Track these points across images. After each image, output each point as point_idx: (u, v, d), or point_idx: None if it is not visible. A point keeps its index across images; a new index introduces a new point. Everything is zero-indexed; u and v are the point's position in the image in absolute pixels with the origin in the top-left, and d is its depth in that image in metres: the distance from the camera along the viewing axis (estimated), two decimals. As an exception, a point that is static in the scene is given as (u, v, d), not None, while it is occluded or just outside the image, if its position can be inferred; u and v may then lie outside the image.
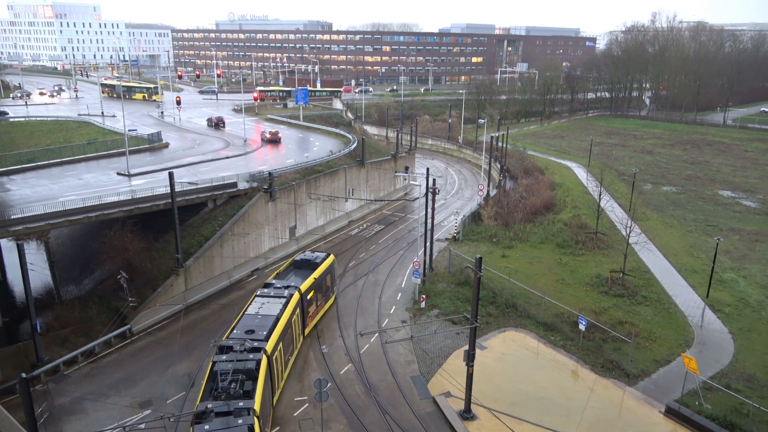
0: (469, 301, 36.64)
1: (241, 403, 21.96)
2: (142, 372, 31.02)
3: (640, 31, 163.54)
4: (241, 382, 23.57)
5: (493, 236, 51.67)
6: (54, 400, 28.07)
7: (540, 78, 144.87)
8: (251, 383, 23.77)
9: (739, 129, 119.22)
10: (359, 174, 59.97)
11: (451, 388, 29.29)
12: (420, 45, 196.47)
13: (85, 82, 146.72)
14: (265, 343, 26.92)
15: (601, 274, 42.99)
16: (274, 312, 30.23)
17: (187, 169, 51.82)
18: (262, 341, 27.01)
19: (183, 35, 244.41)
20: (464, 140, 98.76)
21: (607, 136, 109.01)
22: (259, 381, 23.92)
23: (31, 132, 70.72)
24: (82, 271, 44.93)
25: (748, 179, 76.10)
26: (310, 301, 34.96)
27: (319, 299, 36.85)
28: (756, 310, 38.32)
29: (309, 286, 34.87)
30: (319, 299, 36.85)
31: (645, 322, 36.17)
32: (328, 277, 38.48)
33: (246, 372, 24.26)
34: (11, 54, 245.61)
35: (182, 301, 37.94)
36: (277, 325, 28.98)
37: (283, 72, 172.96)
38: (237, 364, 24.46)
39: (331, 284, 39.34)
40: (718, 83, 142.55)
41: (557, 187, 68.20)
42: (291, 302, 31.67)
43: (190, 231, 41.82)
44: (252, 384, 23.73)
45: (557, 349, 33.28)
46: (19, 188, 43.92)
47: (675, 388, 29.03)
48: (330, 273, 38.82)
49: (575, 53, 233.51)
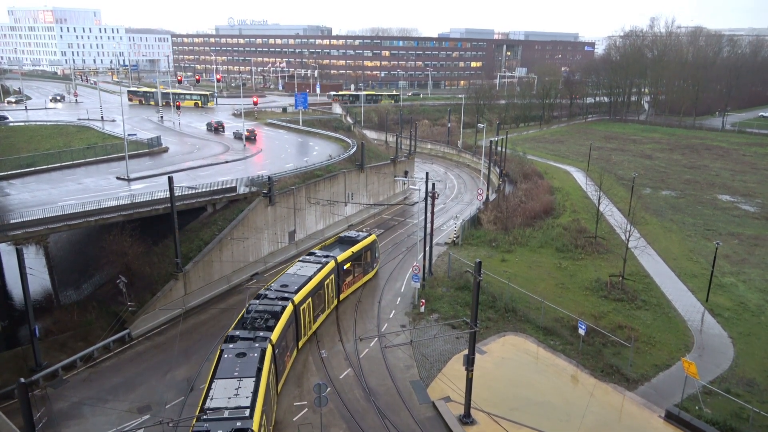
0: (468, 306, 36.60)
1: (261, 334, 28.02)
2: (141, 377, 30.95)
3: (638, 36, 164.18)
4: (266, 320, 29.70)
5: (493, 240, 51.67)
6: (52, 405, 28.00)
7: (539, 82, 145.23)
8: (274, 322, 29.59)
9: (737, 133, 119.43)
10: (359, 178, 60.03)
11: (451, 392, 29.23)
12: (419, 50, 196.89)
13: (85, 87, 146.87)
14: (294, 295, 32.93)
15: (600, 278, 42.98)
16: (308, 273, 36.08)
17: (186, 173, 51.85)
18: (292, 293, 33.08)
19: (183, 40, 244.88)
20: (463, 145, 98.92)
21: (606, 141, 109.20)
22: (281, 321, 29.85)
23: (30, 136, 70.80)
24: (81, 276, 44.89)
25: (747, 183, 76.20)
26: (347, 271, 40.22)
27: (357, 271, 41.88)
28: (755, 315, 38.31)
29: (346, 257, 39.97)
30: (357, 271, 41.88)
31: (644, 326, 36.15)
32: (368, 253, 43.28)
33: (272, 313, 30.53)
34: (11, 59, 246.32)
35: (181, 306, 37.90)
36: (308, 283, 34.70)
37: (282, 77, 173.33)
38: (266, 307, 31.14)
39: (371, 260, 44.15)
40: (716, 88, 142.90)
41: (556, 192, 68.25)
42: (326, 268, 37.24)
43: (189, 235, 41.81)
44: (275, 323, 29.49)
45: (557, 354, 33.24)
46: (18, 193, 43.93)
47: (675, 392, 29.00)
48: (370, 249, 43.70)
49: (574, 58, 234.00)
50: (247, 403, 22.43)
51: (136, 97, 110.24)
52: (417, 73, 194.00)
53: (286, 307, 31.30)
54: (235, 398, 22.75)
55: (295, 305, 32.47)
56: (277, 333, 28.79)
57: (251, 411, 21.96)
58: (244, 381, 23.93)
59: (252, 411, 22.01)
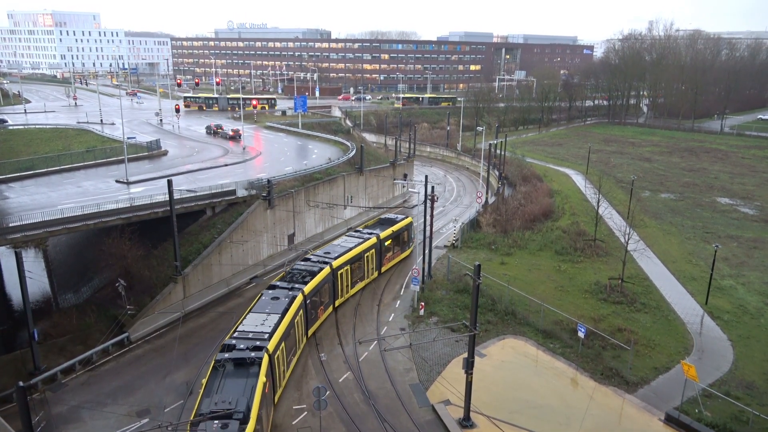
0: (468, 309, 36.58)
1: (297, 286, 34.25)
2: (139, 380, 30.89)
3: (637, 39, 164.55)
4: (303, 277, 35.77)
5: (492, 243, 51.67)
6: (51, 409, 27.93)
7: (538, 86, 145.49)
8: (310, 278, 35.61)
9: (736, 136, 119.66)
10: (358, 181, 60.04)
11: (451, 395, 29.19)
12: (418, 53, 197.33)
13: (84, 90, 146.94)
14: (333, 260, 38.66)
15: (599, 281, 42.98)
16: (349, 245, 41.65)
17: (185, 176, 51.83)
18: (331, 259, 38.84)
19: (182, 43, 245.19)
20: (463, 147, 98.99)
21: (605, 144, 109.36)
22: (316, 279, 35.83)
23: (30, 139, 70.79)
24: (80, 279, 44.81)
25: (746, 186, 76.30)
26: (387, 248, 45.61)
27: (396, 248, 47.32)
28: (755, 317, 38.31)
29: (387, 235, 45.37)
30: (396, 248, 47.32)
31: (644, 329, 36.13)
32: (406, 233, 48.47)
33: (310, 272, 36.49)
34: (11, 62, 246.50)
35: (180, 309, 37.83)
36: (348, 253, 40.34)
37: (282, 80, 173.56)
38: (306, 267, 37.31)
39: (408, 240, 49.12)
40: (715, 91, 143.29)
41: (556, 195, 68.30)
42: (367, 242, 42.66)
43: (188, 238, 41.78)
44: (310, 279, 35.50)
45: (556, 357, 33.21)
46: (17, 196, 43.89)
47: (674, 395, 28.97)
48: (407, 230, 48.69)
49: (573, 61, 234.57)
50: (268, 330, 28.41)
51: (195, 103, 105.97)
52: (416, 76, 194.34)
53: (324, 269, 37.17)
54: (260, 326, 28.93)
55: (333, 269, 38.16)
56: (310, 287, 34.68)
57: (270, 336, 27.83)
58: (271, 316, 30.00)
59: (271, 336, 27.78)
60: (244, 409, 22.13)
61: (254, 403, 22.68)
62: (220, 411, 21.70)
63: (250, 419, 21.73)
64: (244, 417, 21.72)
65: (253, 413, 22.17)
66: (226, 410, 21.76)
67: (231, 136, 75.80)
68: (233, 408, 21.96)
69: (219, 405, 22.13)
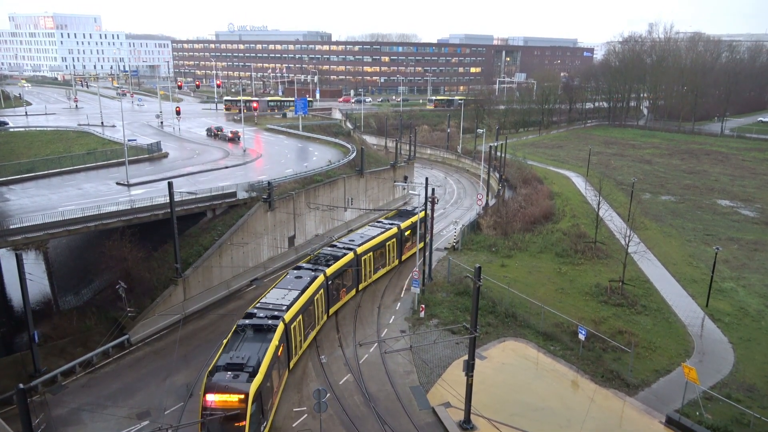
0: (468, 311, 36.56)
1: (320, 268, 37.84)
2: (140, 382, 30.87)
3: (637, 42, 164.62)
4: (327, 260, 39.15)
5: (492, 246, 51.65)
6: (51, 411, 27.90)
7: (538, 88, 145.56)
8: (333, 262, 38.99)
9: (736, 139, 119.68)
10: (358, 183, 60.07)
11: (451, 398, 29.16)
12: (419, 55, 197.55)
13: (86, 92, 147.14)
14: (357, 248, 41.96)
15: (600, 283, 42.95)
16: (372, 234, 45.31)
17: (186, 178, 51.88)
18: (356, 246, 42.18)
19: (183, 46, 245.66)
20: (463, 150, 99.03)
21: (606, 146, 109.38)
22: (339, 262, 39.13)
23: (31, 142, 70.88)
24: (80, 281, 44.81)
25: (746, 189, 76.28)
26: (407, 238, 48.94)
27: (413, 238, 49.73)
28: (756, 320, 38.26)
29: (406, 226, 48.91)
30: (413, 238, 49.73)
31: (645, 331, 36.10)
32: (422, 224, 48.73)
33: (334, 257, 39.89)
34: (12, 64, 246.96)
35: (181, 312, 37.83)
36: (370, 241, 43.76)
37: (282, 82, 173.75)
38: (331, 252, 40.84)
39: (425, 231, 49.13)
40: (715, 93, 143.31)
41: (556, 197, 68.29)
42: (389, 232, 46.21)
43: (189, 241, 41.77)
44: (333, 262, 38.81)
45: (557, 359, 33.17)
46: (18, 198, 43.92)
47: (675, 398, 28.93)
48: (424, 222, 48.79)
49: (573, 63, 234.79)
50: (287, 303, 31.99)
51: (235, 106, 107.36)
52: (416, 78, 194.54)
53: (348, 254, 40.35)
54: (281, 300, 32.55)
55: (357, 254, 41.37)
56: (332, 269, 38.04)
57: (288, 308, 31.42)
58: (292, 292, 33.66)
59: (288, 308, 31.44)
60: (254, 364, 25.65)
61: (264, 361, 26.08)
62: (234, 364, 25.35)
63: (259, 372, 25.14)
64: (253, 370, 25.19)
65: (262, 368, 25.54)
66: (238, 364, 25.37)
67: (230, 138, 76.12)
68: (245, 363, 25.52)
69: (233, 360, 25.75)
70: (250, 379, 24.59)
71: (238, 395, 23.86)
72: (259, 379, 24.75)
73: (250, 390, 24.02)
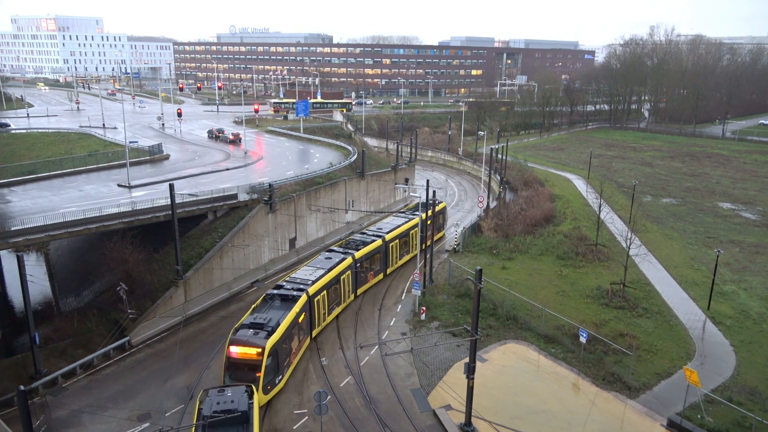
0: (469, 313, 36.52)
1: (350, 251, 41.48)
2: (140, 384, 30.85)
3: (638, 44, 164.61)
4: (356, 246, 42.87)
5: (493, 248, 51.62)
6: (52, 413, 27.88)
7: (539, 90, 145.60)
8: (362, 246, 42.73)
9: (737, 141, 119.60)
10: (359, 186, 60.09)
11: (452, 400, 29.12)
12: (420, 58, 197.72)
13: (88, 94, 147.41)
14: (385, 235, 45.58)
15: (601, 286, 42.90)
16: (398, 223, 49.13)
17: (187, 180, 51.93)
18: (384, 233, 45.92)
19: (184, 48, 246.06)
20: (464, 152, 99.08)
21: (607, 149, 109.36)
22: (368, 247, 43.01)
23: (32, 144, 71.03)
24: (81, 283, 44.81)
25: (748, 191, 76.20)
26: (429, 227, 49.48)
27: (435, 229, 52.47)
28: (757, 323, 38.18)
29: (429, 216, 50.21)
30: (435, 229, 52.47)
31: (646, 334, 36.03)
32: (441, 216, 55.74)
33: (363, 243, 43.45)
34: (14, 66, 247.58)
35: (181, 313, 37.82)
36: (397, 230, 47.49)
37: (284, 84, 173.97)
38: (361, 238, 44.63)
39: (443, 222, 57.18)
40: (716, 96, 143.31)
41: (557, 199, 68.26)
42: (413, 221, 49.55)
43: (190, 242, 41.80)
44: (362, 247, 42.64)
45: (558, 362, 33.12)
46: (19, 200, 43.98)
47: (677, 401, 28.86)
48: (443, 213, 56.41)
49: (574, 66, 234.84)
50: (312, 279, 36.16)
51: (283, 108, 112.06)
52: (417, 80, 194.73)
53: (376, 241, 44.28)
54: (308, 276, 36.74)
55: (385, 241, 45.02)
56: (361, 253, 41.79)
57: (313, 283, 35.55)
58: (319, 270, 37.85)
59: (313, 283, 35.48)
60: (273, 325, 29.92)
61: (283, 324, 30.33)
62: (256, 324, 29.82)
63: (276, 332, 29.44)
64: (271, 330, 29.50)
65: (280, 329, 29.81)
66: (260, 324, 29.74)
67: (231, 140, 76.21)
68: (266, 323, 29.81)
69: (256, 320, 30.22)
70: (268, 337, 28.94)
71: (255, 348, 28.35)
72: (275, 338, 29.07)
73: (266, 345, 28.44)
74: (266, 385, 28.47)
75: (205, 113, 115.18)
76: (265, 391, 28.44)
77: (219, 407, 22.87)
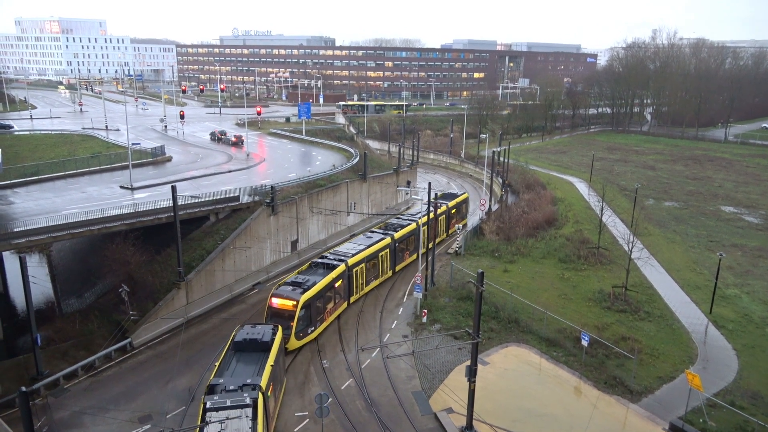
0: (470, 316, 36.49)
1: (390, 232, 46.67)
2: (142, 386, 30.87)
3: (640, 48, 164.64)
4: (395, 228, 47.57)
5: (495, 251, 51.57)
6: (53, 415, 27.91)
7: (541, 93, 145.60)
8: (400, 228, 47.79)
9: (740, 145, 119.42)
10: (361, 188, 60.12)
11: (453, 403, 29.07)
12: (422, 60, 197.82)
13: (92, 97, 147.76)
14: (419, 219, 47.69)
15: (603, 289, 42.80)
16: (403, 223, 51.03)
17: (189, 182, 52.02)
18: (418, 218, 48.24)
19: (187, 50, 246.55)
20: (466, 155, 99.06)
21: (609, 152, 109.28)
22: (405, 229, 47.87)
23: (35, 145, 71.21)
24: (83, 284, 44.91)
25: (750, 195, 76.05)
26: (452, 215, 57.74)
27: (458, 216, 59.50)
28: (760, 327, 38.07)
29: (453, 204, 58.09)
30: (458, 216, 59.50)
31: (648, 338, 35.95)
32: (464, 205, 61.97)
33: (401, 226, 48.55)
34: (18, 68, 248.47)
35: (183, 315, 37.85)
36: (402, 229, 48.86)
37: (286, 87, 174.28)
38: (399, 222, 49.78)
39: (465, 211, 62.61)
40: (719, 99, 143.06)
41: (559, 202, 68.17)
42: (440, 210, 51.29)
43: (191, 244, 41.85)
44: (401, 229, 47.63)
45: (560, 365, 33.06)
46: (22, 201, 44.09)
47: (679, 405, 28.77)
48: (465, 203, 62.41)
49: (576, 69, 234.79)
50: (353, 252, 41.64)
51: (351, 110, 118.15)
52: (420, 83, 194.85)
53: (411, 224, 49.04)
54: (349, 250, 42.29)
55: (419, 225, 46.90)
56: (399, 234, 46.83)
57: (353, 255, 40.82)
58: (359, 246, 43.13)
59: (353, 255, 40.82)
60: (310, 285, 35.31)
61: (319, 284, 35.64)
62: (296, 282, 35.57)
63: (311, 290, 34.84)
64: (307, 288, 34.96)
65: (315, 288, 35.18)
66: (299, 282, 35.44)
67: (234, 143, 76.34)
68: (303, 282, 35.46)
69: (297, 280, 36.04)
70: (303, 293, 34.27)
71: (291, 301, 33.79)
72: (309, 294, 34.47)
73: (300, 299, 33.81)
74: (298, 332, 33.85)
75: (208, 115, 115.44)
76: (298, 338, 33.93)
77: (248, 336, 28.12)
